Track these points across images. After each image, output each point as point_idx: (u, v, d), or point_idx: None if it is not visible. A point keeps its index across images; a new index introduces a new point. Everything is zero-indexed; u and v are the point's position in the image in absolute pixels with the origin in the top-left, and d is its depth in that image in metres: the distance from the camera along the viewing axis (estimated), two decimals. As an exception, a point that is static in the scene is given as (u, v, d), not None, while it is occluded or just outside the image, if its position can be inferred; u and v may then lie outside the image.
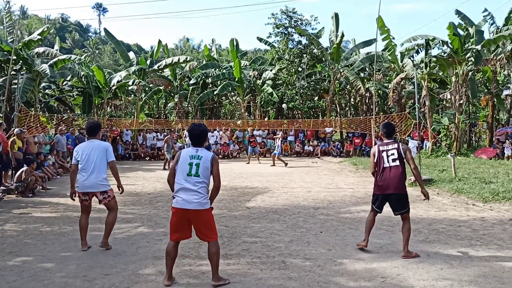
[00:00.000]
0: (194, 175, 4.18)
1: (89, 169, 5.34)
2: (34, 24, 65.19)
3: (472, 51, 17.67)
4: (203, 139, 4.34)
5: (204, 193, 4.18)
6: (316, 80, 25.50)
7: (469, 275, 4.46)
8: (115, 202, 5.58)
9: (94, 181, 5.34)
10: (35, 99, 20.79)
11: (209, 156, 4.24)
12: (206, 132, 4.40)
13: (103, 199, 5.44)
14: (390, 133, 5.56)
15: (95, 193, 5.41)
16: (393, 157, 5.27)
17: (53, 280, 4.37)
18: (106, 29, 25.63)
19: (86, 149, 5.43)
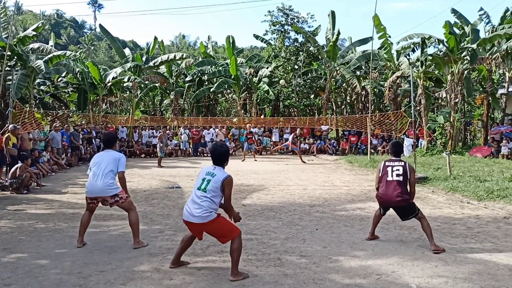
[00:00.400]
0: (202, 190, 4.29)
1: (97, 175, 5.39)
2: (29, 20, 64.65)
3: (468, 50, 17.73)
4: (223, 159, 4.44)
5: (207, 206, 4.22)
6: (312, 78, 25.51)
7: (464, 272, 4.49)
8: (129, 202, 5.59)
9: (102, 186, 5.37)
10: (29, 95, 20.63)
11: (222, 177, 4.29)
12: (228, 153, 4.50)
13: (114, 202, 5.46)
14: (398, 152, 5.80)
15: (104, 197, 5.44)
16: (398, 172, 5.44)
17: (47, 277, 4.35)
18: (101, 25, 25.49)
19: (99, 158, 5.59)
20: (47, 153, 14.21)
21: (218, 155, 4.42)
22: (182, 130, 21.78)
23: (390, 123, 20.14)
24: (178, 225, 6.62)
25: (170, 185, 10.90)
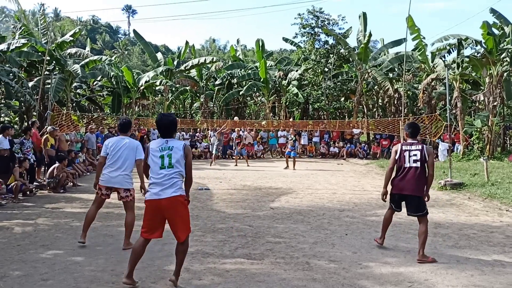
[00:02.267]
0: (168, 167, 4.08)
1: (118, 165, 5.41)
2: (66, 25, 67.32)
3: (508, 51, 17.00)
4: (172, 129, 4.20)
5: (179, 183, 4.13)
6: (343, 81, 25.19)
7: (502, 282, 4.30)
8: (134, 203, 5.58)
9: (121, 177, 5.40)
10: (67, 98, 21.45)
11: (181, 145, 4.15)
12: (175, 123, 4.25)
13: (125, 197, 5.48)
14: (414, 133, 5.43)
15: (118, 189, 5.46)
16: (415, 158, 5.17)
17: (82, 273, 4.49)
18: (135, 31, 26.20)
19: (116, 145, 5.49)
20: (82, 154, 14.70)
21: (165, 126, 4.15)
22: (211, 132, 22.01)
23: (424, 127, 19.57)
24: (207, 226, 6.68)
25: (199, 186, 11.02)
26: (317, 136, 22.91)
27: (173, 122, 4.19)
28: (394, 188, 5.30)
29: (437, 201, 9.12)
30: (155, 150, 4.12)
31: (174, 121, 4.21)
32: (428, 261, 4.91)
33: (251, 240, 5.85)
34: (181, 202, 4.06)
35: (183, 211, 4.09)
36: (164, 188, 4.02)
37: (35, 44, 19.12)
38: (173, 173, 4.04)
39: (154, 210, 4.09)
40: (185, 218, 4.10)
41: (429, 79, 20.13)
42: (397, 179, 5.26)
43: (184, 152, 4.09)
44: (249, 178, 13.13)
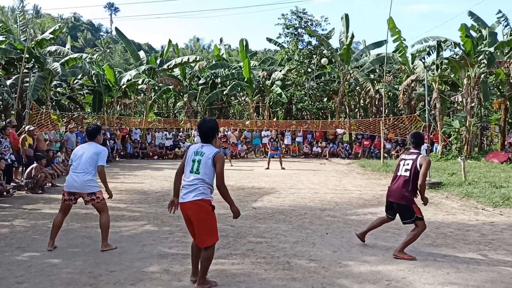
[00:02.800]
0: (195, 172, 4.05)
1: (78, 169, 5.34)
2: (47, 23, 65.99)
3: (485, 53, 17.43)
4: (211, 135, 4.12)
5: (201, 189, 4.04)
6: (326, 81, 25.41)
7: (476, 280, 4.41)
8: (104, 204, 5.48)
9: (82, 182, 5.30)
10: (46, 97, 21.03)
11: (212, 153, 4.03)
12: (216, 128, 4.17)
13: (90, 200, 5.38)
14: (417, 144, 5.49)
15: (81, 194, 5.37)
16: (406, 167, 5.28)
17: (59, 276, 4.41)
18: (117, 28, 25.83)
19: (80, 151, 5.48)
20: (62, 154, 14.44)
21: (203, 131, 4.11)
22: (195, 132, 21.91)
23: (404, 127, 19.91)
24: (188, 227, 6.64)
25: (182, 187, 10.96)
26: (300, 136, 23.05)
27: (212, 128, 4.12)
28: (387, 195, 5.54)
29: (416, 200, 9.26)
30: (191, 153, 4.13)
31: (212, 127, 4.12)
32: (405, 258, 5.02)
33: (233, 240, 5.85)
34: (201, 206, 3.97)
35: (204, 216, 4.00)
36: (188, 192, 4.02)
37: (13, 42, 18.70)
38: (198, 180, 4.00)
39: (183, 213, 4.14)
40: (206, 223, 4.00)
41: (409, 80, 20.50)
42: (389, 186, 5.50)
43: (213, 161, 3.99)
44: (232, 178, 13.11)
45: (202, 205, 3.98)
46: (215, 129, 4.14)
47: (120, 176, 13.68)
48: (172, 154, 21.15)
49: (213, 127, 4.12)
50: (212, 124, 4.14)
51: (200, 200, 3.96)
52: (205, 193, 4.02)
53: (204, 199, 3.98)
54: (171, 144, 21.76)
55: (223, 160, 4.03)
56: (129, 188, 10.85)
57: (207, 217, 4.01)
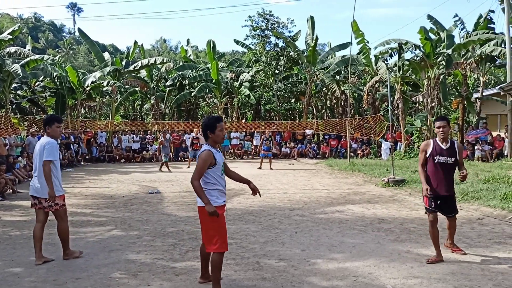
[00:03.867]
0: None
1: (35, 171, 4.98)
2: (5, 23, 63.18)
3: (444, 55, 18.18)
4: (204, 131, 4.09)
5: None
6: (293, 83, 25.73)
7: (438, 272, 4.60)
8: (64, 211, 5.05)
9: (39, 185, 4.91)
10: (5, 100, 20.18)
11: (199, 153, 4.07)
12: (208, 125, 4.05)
13: (48, 207, 4.94)
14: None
15: (40, 198, 4.93)
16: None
17: (21, 285, 4.26)
18: (80, 29, 25.14)
19: (35, 149, 5.05)
20: (23, 159, 13.89)
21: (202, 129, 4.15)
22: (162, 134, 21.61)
23: (369, 127, 20.46)
24: (156, 230, 6.57)
25: (149, 190, 10.80)
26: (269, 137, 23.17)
27: (203, 126, 4.08)
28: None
29: (381, 198, 9.57)
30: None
31: (204, 125, 4.08)
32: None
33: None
34: (200, 212, 4.03)
35: (202, 221, 4.04)
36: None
37: (-32, 42, 17.85)
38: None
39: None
40: (204, 228, 4.04)
41: (373, 82, 21.07)
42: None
43: (197, 157, 4.04)
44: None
45: (201, 211, 4.01)
46: (206, 126, 4.06)
47: (85, 180, 13.31)
48: (140, 157, 20.77)
49: (204, 125, 4.08)
50: (205, 122, 4.12)
51: (201, 207, 3.98)
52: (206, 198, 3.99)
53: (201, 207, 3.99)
54: (139, 147, 21.37)
55: (202, 157, 3.96)
56: (95, 193, 10.58)
57: (205, 223, 4.00)
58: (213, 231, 3.93)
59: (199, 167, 3.93)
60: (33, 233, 5.07)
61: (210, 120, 4.09)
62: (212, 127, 4.03)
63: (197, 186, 3.90)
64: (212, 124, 4.03)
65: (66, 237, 5.06)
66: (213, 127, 4.03)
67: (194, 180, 3.91)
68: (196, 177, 3.91)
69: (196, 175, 3.91)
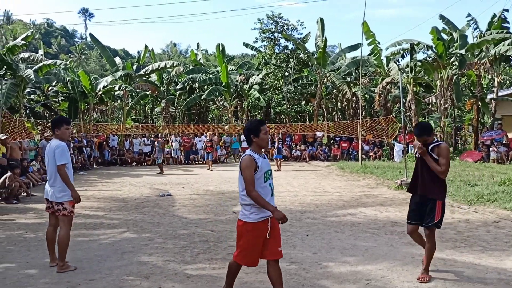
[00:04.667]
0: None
1: (48, 174, 4.92)
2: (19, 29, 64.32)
3: (456, 56, 17.99)
4: (246, 136, 3.80)
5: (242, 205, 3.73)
6: (303, 85, 25.67)
7: (453, 276, 4.51)
8: (69, 218, 4.87)
9: (50, 189, 4.84)
10: (19, 104, 20.51)
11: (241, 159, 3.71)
12: (249, 129, 3.76)
13: (57, 210, 4.82)
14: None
15: (52, 202, 4.84)
16: None
17: (36, 286, 4.30)
18: (91, 34, 25.46)
19: (46, 153, 4.98)
20: (37, 163, 14.08)
21: (244, 134, 3.85)
22: (173, 137, 21.76)
23: (381, 129, 20.29)
24: (168, 233, 6.58)
25: (161, 193, 10.85)
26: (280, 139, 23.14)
27: (246, 130, 3.78)
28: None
29: (394, 200, 9.46)
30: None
31: (247, 129, 3.78)
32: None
33: (213, 245, 5.83)
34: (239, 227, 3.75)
35: (238, 236, 3.75)
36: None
37: (-17, 48, 18.20)
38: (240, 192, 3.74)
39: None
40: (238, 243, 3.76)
41: (385, 83, 20.92)
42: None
43: (240, 167, 3.67)
44: (212, 182, 13.07)
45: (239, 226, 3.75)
46: (249, 130, 3.74)
47: (98, 183, 13.43)
48: (151, 160, 20.89)
49: (247, 129, 3.78)
50: (247, 126, 3.82)
51: (238, 221, 3.75)
52: (243, 211, 3.72)
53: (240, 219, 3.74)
54: (150, 151, 21.53)
55: (245, 163, 3.61)
56: (107, 196, 10.67)
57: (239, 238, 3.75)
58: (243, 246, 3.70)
59: (246, 177, 3.58)
60: (46, 236, 5.10)
61: (253, 123, 3.80)
62: (256, 131, 3.72)
63: (256, 196, 3.54)
64: (256, 128, 3.73)
65: (65, 246, 4.80)
66: (257, 131, 3.72)
67: (250, 192, 3.55)
68: (251, 188, 3.55)
69: (250, 186, 3.56)
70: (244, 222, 3.66)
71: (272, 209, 3.56)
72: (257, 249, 3.67)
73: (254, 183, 3.57)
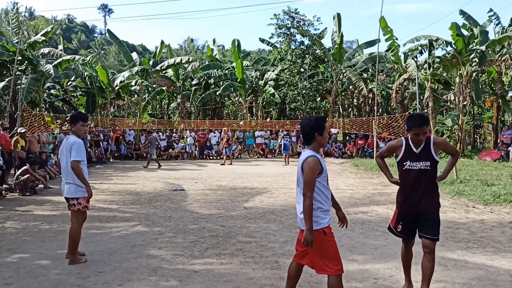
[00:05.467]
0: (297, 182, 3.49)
1: (63, 170, 4.95)
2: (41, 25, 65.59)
3: (477, 52, 17.55)
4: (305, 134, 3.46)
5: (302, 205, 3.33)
6: (319, 81, 25.48)
7: (463, 277, 4.44)
8: (81, 214, 4.93)
9: (65, 185, 4.90)
10: (39, 99, 20.97)
11: (302, 158, 3.37)
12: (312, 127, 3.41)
13: (71, 205, 4.89)
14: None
15: (67, 198, 4.93)
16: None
17: (47, 277, 4.41)
18: (109, 30, 25.80)
19: (61, 148, 5.00)
20: (55, 156, 14.39)
21: (302, 132, 3.50)
22: (188, 133, 21.92)
23: (398, 126, 20.00)
24: (179, 227, 6.65)
25: (174, 187, 10.97)
26: (294, 136, 23.07)
27: (307, 127, 3.41)
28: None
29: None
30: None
31: (309, 126, 3.41)
32: None
33: (222, 240, 5.86)
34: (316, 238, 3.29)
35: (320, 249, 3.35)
36: (297, 213, 3.47)
37: (6, 44, 18.61)
38: (299, 193, 3.42)
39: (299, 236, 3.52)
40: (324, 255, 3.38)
41: (402, 79, 20.61)
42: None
43: (301, 168, 3.34)
44: (225, 178, 13.13)
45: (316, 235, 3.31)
46: (313, 128, 3.40)
47: (113, 177, 13.65)
48: (166, 154, 21.13)
49: (310, 127, 3.41)
50: (310, 124, 3.42)
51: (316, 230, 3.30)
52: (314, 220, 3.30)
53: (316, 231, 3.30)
54: (165, 145, 21.75)
55: (311, 166, 3.28)
56: (121, 189, 10.84)
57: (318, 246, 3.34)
58: (329, 254, 3.37)
59: (308, 179, 3.26)
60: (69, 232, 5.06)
61: (318, 121, 3.43)
62: (321, 129, 3.40)
63: (309, 206, 3.23)
64: (321, 126, 3.41)
65: (77, 240, 4.88)
66: (322, 129, 3.41)
67: (307, 198, 3.23)
68: (310, 193, 3.24)
69: (308, 190, 3.24)
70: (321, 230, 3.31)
71: (309, 227, 3.23)
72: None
73: (314, 188, 3.29)
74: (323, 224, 3.31)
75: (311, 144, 3.44)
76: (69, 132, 5.20)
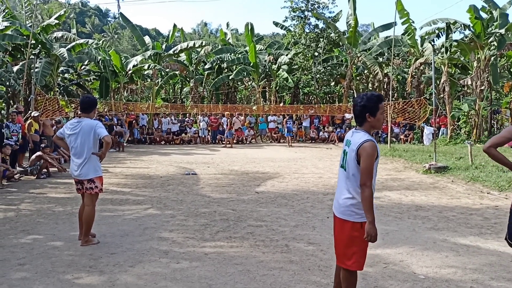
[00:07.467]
0: (342, 167, 3.16)
1: (78, 153, 4.88)
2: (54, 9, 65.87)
3: (495, 35, 17.02)
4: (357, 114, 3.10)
5: (353, 192, 3.03)
6: (333, 65, 25.09)
7: (475, 263, 4.39)
8: (96, 196, 5.01)
9: (82, 168, 4.87)
10: (53, 83, 21.15)
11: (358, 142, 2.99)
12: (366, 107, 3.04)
13: (89, 188, 4.91)
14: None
15: (82, 180, 4.92)
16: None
17: (60, 258, 4.49)
18: (122, 14, 25.70)
19: (74, 131, 4.90)
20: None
21: (354, 112, 3.14)
22: (200, 117, 21.95)
23: (414, 111, 19.67)
24: (190, 210, 6.70)
25: (186, 171, 11.03)
26: (307, 120, 22.93)
27: (358, 105, 3.06)
28: None
29: (421, 184, 9.23)
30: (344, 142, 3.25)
31: (359, 104, 3.06)
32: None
33: (233, 223, 5.89)
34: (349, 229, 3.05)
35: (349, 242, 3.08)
36: (337, 198, 3.18)
37: (19, 28, 18.73)
38: (345, 178, 3.09)
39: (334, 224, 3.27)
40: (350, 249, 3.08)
41: (418, 63, 20.18)
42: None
43: (356, 154, 2.96)
44: (237, 163, 13.15)
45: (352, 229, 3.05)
46: (365, 108, 3.03)
47: (126, 161, 13.79)
48: (179, 139, 21.24)
49: (362, 106, 3.04)
50: (362, 102, 3.04)
51: (347, 222, 3.05)
52: (354, 210, 3.03)
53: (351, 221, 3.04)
54: (178, 130, 21.84)
55: (369, 151, 2.91)
56: (134, 173, 10.95)
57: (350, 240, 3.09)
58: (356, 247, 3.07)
59: (368, 167, 2.91)
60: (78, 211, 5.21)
61: (371, 99, 3.04)
62: (373, 109, 3.02)
63: (369, 195, 2.92)
64: (375, 106, 3.02)
65: (91, 222, 4.94)
66: (375, 109, 3.02)
67: (366, 186, 2.91)
68: (369, 182, 2.91)
69: (368, 179, 2.91)
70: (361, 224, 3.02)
71: (371, 220, 2.92)
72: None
73: (372, 176, 2.93)
74: (364, 218, 3.00)
75: (362, 125, 3.08)
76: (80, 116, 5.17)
